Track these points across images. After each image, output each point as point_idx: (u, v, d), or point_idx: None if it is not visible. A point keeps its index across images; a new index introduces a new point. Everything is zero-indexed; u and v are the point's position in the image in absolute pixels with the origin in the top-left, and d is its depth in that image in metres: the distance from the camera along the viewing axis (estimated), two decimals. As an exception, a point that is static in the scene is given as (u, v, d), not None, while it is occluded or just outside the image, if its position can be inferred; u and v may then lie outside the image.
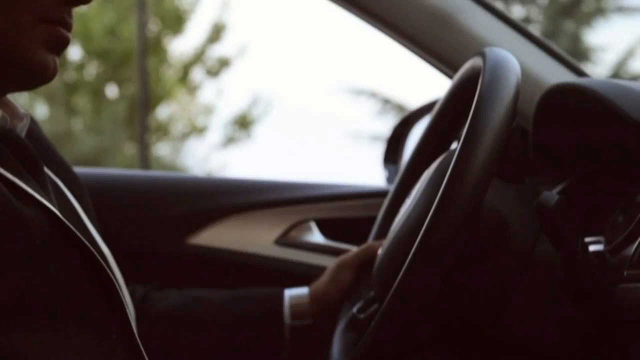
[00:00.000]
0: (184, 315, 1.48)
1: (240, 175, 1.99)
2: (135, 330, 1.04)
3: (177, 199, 1.81)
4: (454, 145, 1.45)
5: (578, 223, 1.13)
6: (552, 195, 1.11)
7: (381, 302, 1.25)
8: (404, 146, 1.99)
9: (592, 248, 1.21)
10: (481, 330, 1.21)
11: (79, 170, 1.43)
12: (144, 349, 1.04)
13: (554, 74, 1.58)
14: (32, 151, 1.06)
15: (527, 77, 1.50)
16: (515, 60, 1.16)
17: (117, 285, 1.01)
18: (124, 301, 1.02)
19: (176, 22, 13.91)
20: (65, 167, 1.30)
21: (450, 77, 1.60)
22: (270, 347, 1.48)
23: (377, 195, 1.80)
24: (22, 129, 1.10)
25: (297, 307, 1.50)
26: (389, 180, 1.98)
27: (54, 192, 1.11)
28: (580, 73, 1.62)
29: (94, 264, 1.00)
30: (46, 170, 1.11)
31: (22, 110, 1.12)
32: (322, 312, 1.50)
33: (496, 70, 1.12)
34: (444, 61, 1.61)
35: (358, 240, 1.62)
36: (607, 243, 1.22)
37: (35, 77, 1.06)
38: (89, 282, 1.00)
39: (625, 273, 1.09)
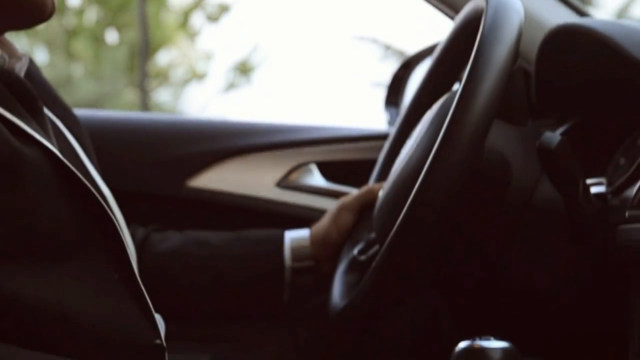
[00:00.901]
0: (184, 256, 1.48)
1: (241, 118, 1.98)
2: (136, 271, 1.04)
3: (177, 141, 1.81)
4: (456, 87, 1.45)
5: (580, 164, 1.12)
6: (554, 136, 1.11)
7: (382, 243, 1.25)
8: (405, 89, 1.98)
9: (593, 190, 1.21)
10: (481, 271, 1.22)
11: (78, 111, 1.42)
12: (145, 289, 1.05)
13: (557, 15, 1.56)
14: (31, 91, 1.05)
15: (529, 18, 1.48)
16: (518, 1, 1.15)
17: (117, 226, 1.01)
18: (124, 241, 1.02)
19: (176, -34, 13.81)
20: (64, 108, 1.29)
21: (452, 18, 1.59)
22: (270, 289, 1.49)
23: (378, 137, 1.79)
24: (20, 68, 1.10)
25: (297, 249, 1.50)
26: (391, 123, 1.98)
27: (54, 133, 1.10)
28: (583, 14, 1.60)
29: (94, 204, 0.99)
30: (45, 110, 1.10)
31: (20, 50, 1.11)
32: (323, 254, 1.50)
33: (499, 11, 1.11)
34: (445, 2, 1.60)
35: (359, 182, 1.62)
36: (609, 184, 1.21)
37: (34, 14, 1.05)
38: (89, 221, 1.00)
39: (626, 214, 1.09)
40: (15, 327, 0.93)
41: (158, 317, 1.08)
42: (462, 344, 0.90)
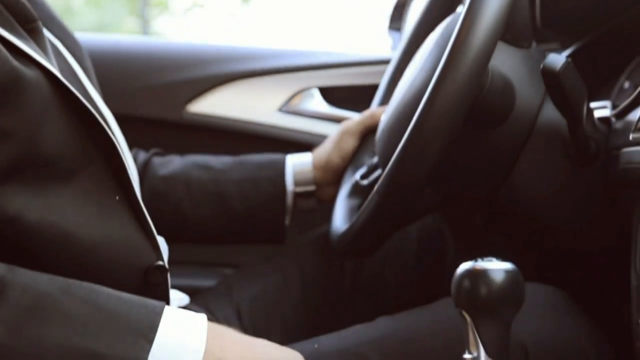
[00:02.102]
0: (186, 180, 1.48)
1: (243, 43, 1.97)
2: (138, 193, 1.04)
3: (178, 65, 1.79)
4: (460, 9, 1.43)
5: (584, 87, 1.12)
6: (558, 57, 1.10)
7: (384, 167, 1.25)
8: (408, 14, 1.96)
9: (597, 113, 1.20)
10: (485, 194, 1.21)
11: (78, 34, 1.41)
12: (147, 213, 1.05)
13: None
14: (30, 11, 1.04)
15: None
16: None
17: (118, 147, 1.00)
18: (125, 163, 1.01)
19: None
20: (64, 29, 1.27)
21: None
22: (272, 213, 1.49)
23: (380, 62, 1.78)
24: None
25: (299, 173, 1.50)
26: (394, 48, 1.96)
27: (53, 54, 1.09)
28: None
29: (95, 125, 0.99)
30: (45, 31, 1.09)
31: None
32: (325, 178, 1.50)
33: None
34: None
35: (361, 107, 1.61)
36: (613, 108, 1.21)
37: None
38: (91, 143, 0.99)
39: (630, 137, 1.09)
40: (17, 248, 0.93)
41: (160, 240, 1.08)
42: (464, 265, 0.89)
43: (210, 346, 0.91)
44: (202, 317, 0.93)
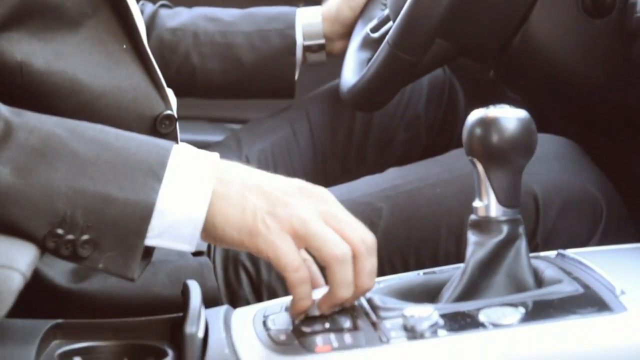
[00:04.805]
0: (194, 31, 1.45)
1: None
2: (145, 42, 1.02)
3: None
4: None
5: None
6: None
7: (395, 18, 1.23)
8: None
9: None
10: (498, 45, 1.20)
11: None
12: (155, 63, 1.03)
13: None
14: None
15: None
16: None
17: None
18: (131, 12, 1.00)
19: None
20: None
21: None
22: (281, 67, 1.47)
23: None
24: None
25: (309, 26, 1.47)
26: None
27: None
28: None
29: None
30: None
31: None
32: (335, 31, 1.48)
33: None
34: None
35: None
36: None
37: None
38: None
39: (646, -14, 1.06)
40: (26, 95, 0.93)
41: (169, 91, 1.07)
42: (476, 113, 0.87)
43: (222, 179, 0.87)
44: (213, 154, 0.90)
